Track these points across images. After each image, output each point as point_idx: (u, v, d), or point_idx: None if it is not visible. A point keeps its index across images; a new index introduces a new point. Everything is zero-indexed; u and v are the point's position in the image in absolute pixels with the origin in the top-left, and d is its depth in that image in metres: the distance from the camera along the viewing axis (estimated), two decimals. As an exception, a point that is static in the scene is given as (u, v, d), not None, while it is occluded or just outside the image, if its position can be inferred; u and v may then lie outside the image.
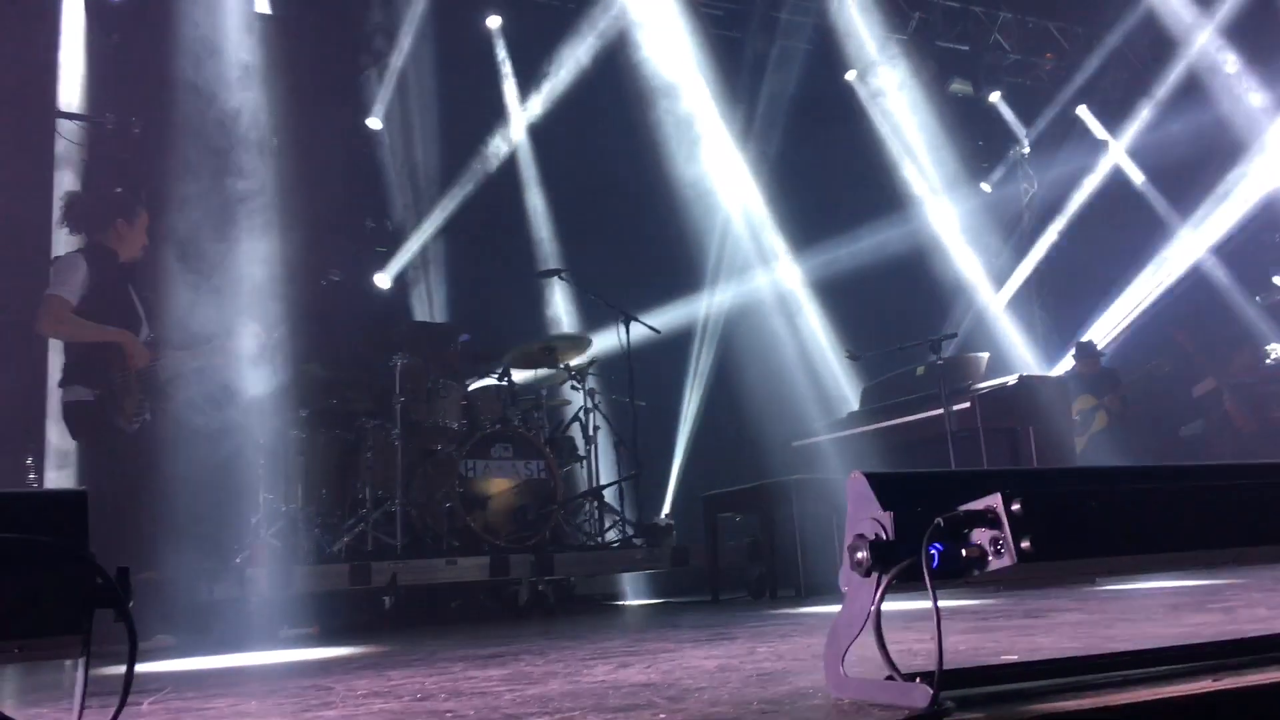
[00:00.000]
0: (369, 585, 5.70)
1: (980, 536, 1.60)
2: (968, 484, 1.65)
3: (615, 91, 8.87)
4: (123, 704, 1.38)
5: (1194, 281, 10.58)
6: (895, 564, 1.62)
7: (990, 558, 1.58)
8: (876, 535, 1.64)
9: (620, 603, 7.51)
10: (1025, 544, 1.53)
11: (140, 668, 3.40)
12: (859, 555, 1.65)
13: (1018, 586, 5.07)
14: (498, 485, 6.43)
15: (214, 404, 5.40)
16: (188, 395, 5.17)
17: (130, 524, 4.46)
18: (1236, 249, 10.68)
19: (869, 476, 1.69)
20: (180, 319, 5.21)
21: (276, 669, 3.44)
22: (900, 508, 1.64)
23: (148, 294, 5.33)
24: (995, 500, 1.58)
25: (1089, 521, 1.56)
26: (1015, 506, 1.55)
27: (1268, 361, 9.10)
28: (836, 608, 4.44)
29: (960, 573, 1.61)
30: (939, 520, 1.60)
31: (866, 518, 1.67)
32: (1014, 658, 2.21)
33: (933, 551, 1.61)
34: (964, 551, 1.61)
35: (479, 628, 5.22)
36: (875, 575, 1.64)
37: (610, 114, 8.88)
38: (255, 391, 5.71)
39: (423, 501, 6.41)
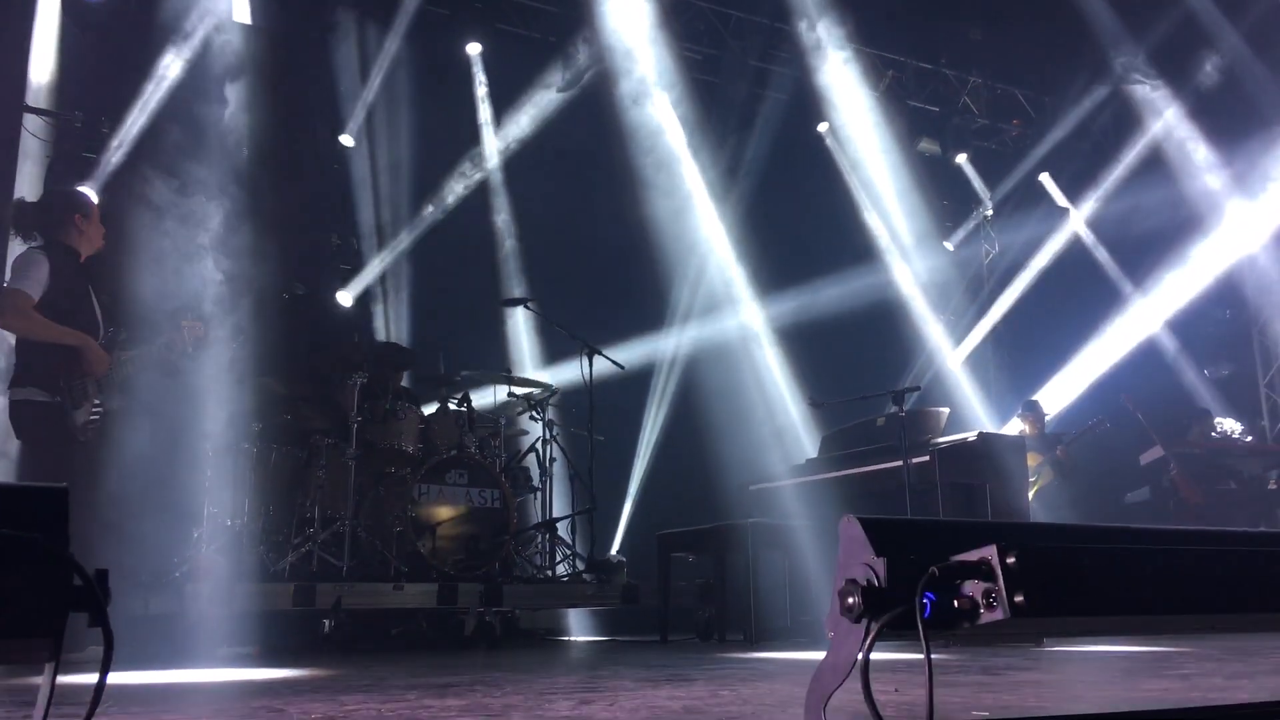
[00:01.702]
0: (313, 607, 5.57)
1: (973, 588, 1.58)
2: (962, 534, 1.63)
3: (591, 125, 8.90)
4: (92, 713, 1.31)
5: (1145, 351, 10.80)
6: (886, 611, 1.60)
7: (983, 610, 1.57)
8: (869, 581, 1.62)
9: (565, 638, 7.42)
10: (1019, 598, 1.52)
11: (74, 679, 3.28)
12: (850, 600, 1.63)
13: (968, 643, 5.08)
14: (450, 512, 6.34)
15: (166, 412, 5.27)
16: (141, 402, 5.04)
17: (76, 531, 4.31)
18: (1187, 322, 10.93)
19: (863, 521, 1.67)
20: (139, 323, 5.09)
21: (220, 688, 3.34)
22: (894, 554, 1.62)
23: (105, 296, 5.21)
24: (990, 552, 1.56)
25: (1084, 578, 1.55)
26: (1010, 559, 1.54)
27: (1214, 434, 9.27)
28: (789, 655, 4.40)
29: (951, 623, 1.59)
30: (934, 569, 1.58)
31: (858, 562, 1.65)
32: (985, 714, 2.20)
33: (925, 601, 1.59)
34: (956, 602, 1.59)
35: (424, 656, 5.11)
36: (865, 621, 1.61)
37: (585, 147, 8.91)
38: (208, 402, 5.59)
39: (373, 524, 6.30)
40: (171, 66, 7.30)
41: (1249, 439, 9.91)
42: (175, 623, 5.17)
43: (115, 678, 3.50)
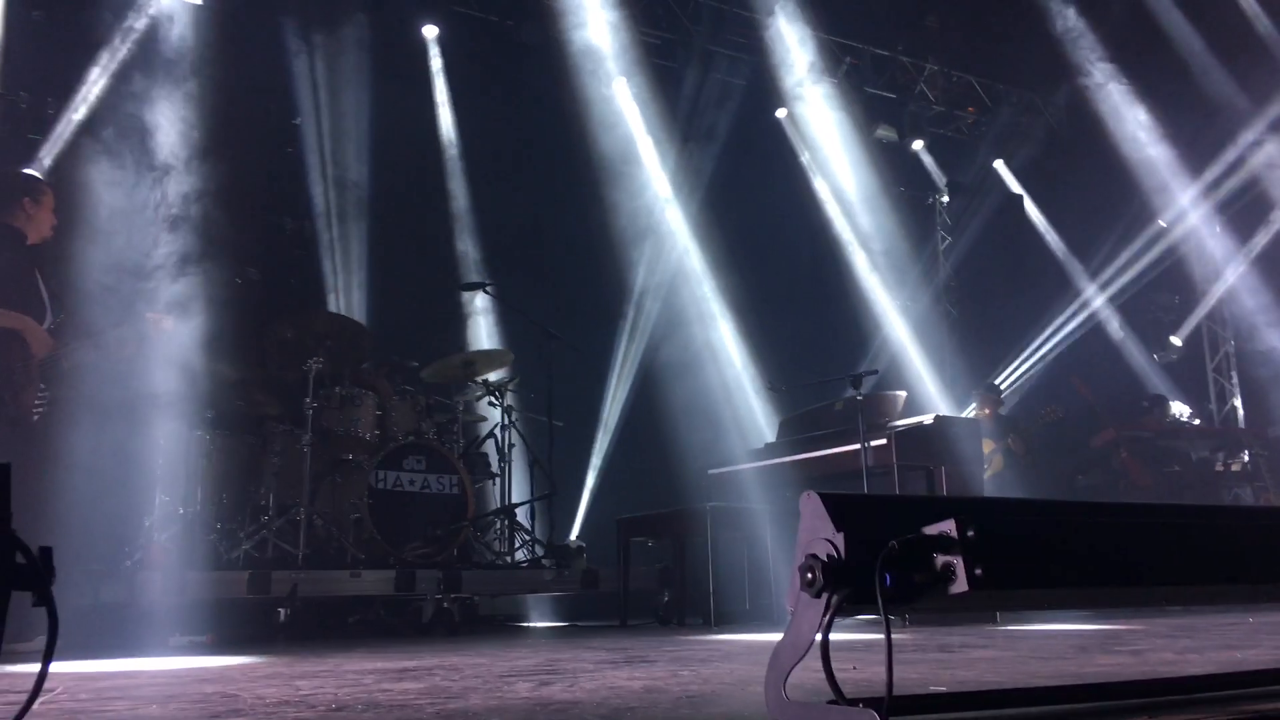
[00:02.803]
0: (268, 595, 5.50)
1: (933, 562, 1.59)
2: (922, 509, 1.64)
3: (549, 109, 8.84)
4: (35, 695, 1.28)
5: (1096, 336, 10.97)
6: (847, 585, 1.60)
7: (942, 583, 1.57)
8: (829, 556, 1.62)
9: (525, 624, 7.40)
10: (979, 571, 1.53)
11: (20, 668, 3.21)
12: (811, 575, 1.63)
13: (924, 622, 5.15)
14: (408, 498, 6.29)
15: (116, 399, 5.17)
16: (89, 387, 4.94)
17: (22, 518, 4.22)
18: (1137, 308, 11.12)
19: (823, 496, 1.67)
20: (87, 307, 4.99)
21: (173, 675, 3.28)
22: (854, 529, 1.62)
23: (53, 281, 5.10)
24: (950, 526, 1.57)
25: (1042, 552, 1.57)
26: (970, 533, 1.55)
27: (1167, 420, 9.44)
28: (748, 636, 4.42)
29: (911, 597, 1.60)
30: (894, 543, 1.58)
31: (819, 538, 1.65)
32: (942, 689, 2.22)
33: (885, 575, 1.59)
34: (916, 576, 1.60)
35: (381, 643, 5.07)
36: (826, 596, 1.61)
37: (542, 131, 8.85)
38: (160, 388, 5.49)
39: (329, 511, 6.23)
40: (120, 47, 7.15)
41: (1197, 422, 10.10)
42: (126, 612, 5.09)
43: (65, 667, 3.44)
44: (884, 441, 5.85)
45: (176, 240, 6.18)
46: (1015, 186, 11.86)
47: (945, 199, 11.99)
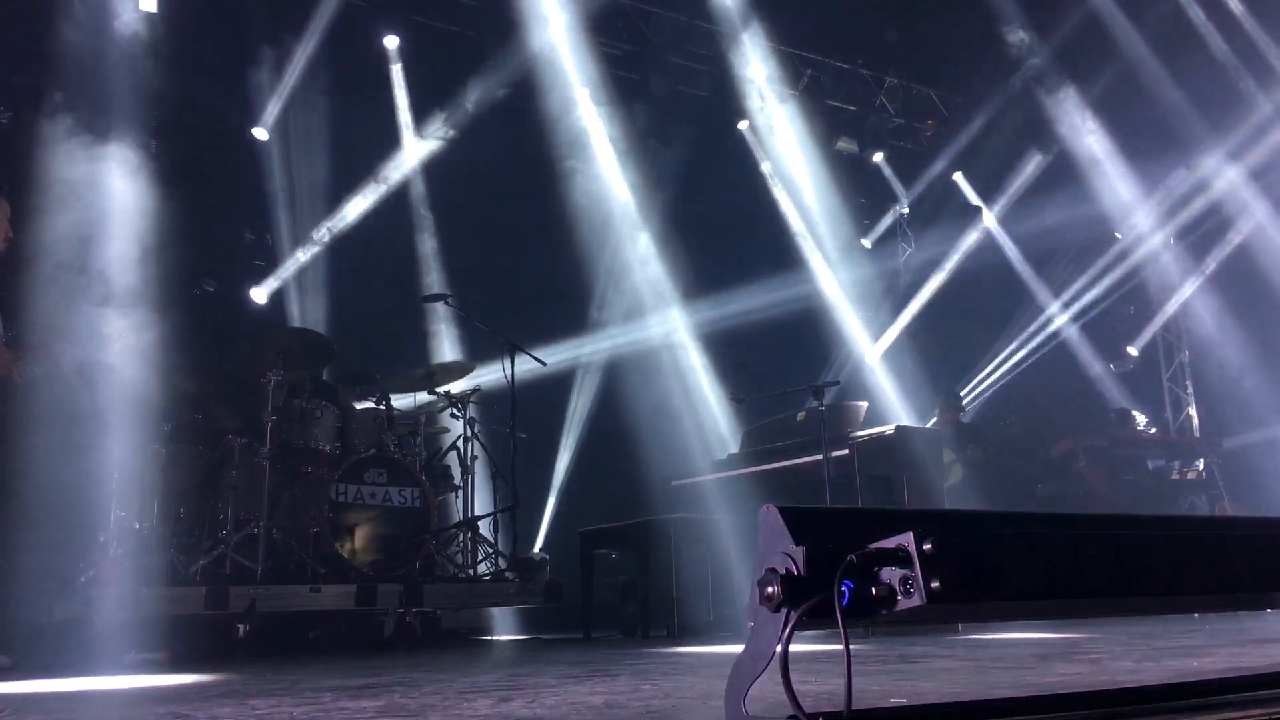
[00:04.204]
0: (225, 610, 5.42)
1: (890, 575, 1.59)
2: (881, 522, 1.64)
3: (511, 121, 8.83)
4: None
5: (1054, 345, 11.10)
6: (805, 600, 1.60)
7: (900, 597, 1.58)
8: (788, 570, 1.62)
9: (488, 638, 7.35)
10: (935, 584, 1.53)
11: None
12: (769, 590, 1.62)
13: (886, 632, 5.17)
14: (369, 512, 6.23)
15: (71, 412, 5.09)
16: (43, 401, 4.86)
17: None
18: (1094, 318, 11.26)
19: (782, 510, 1.67)
20: (42, 320, 4.90)
21: (126, 695, 3.22)
22: (812, 543, 1.62)
23: (6, 292, 5.01)
24: (907, 539, 1.57)
25: (999, 564, 1.57)
26: (927, 546, 1.55)
27: (1135, 427, 9.58)
28: (712, 648, 4.42)
29: (869, 611, 1.60)
30: (852, 557, 1.58)
31: (778, 552, 1.65)
32: (903, 701, 2.22)
33: (843, 589, 1.59)
34: (874, 590, 1.60)
35: (341, 659, 5.02)
36: (784, 611, 1.61)
37: (505, 143, 8.82)
38: (116, 401, 5.41)
39: (288, 525, 6.15)
40: (73, 55, 7.05)
41: (1153, 431, 10.24)
42: (80, 629, 5.00)
43: (14, 687, 3.37)
44: (846, 452, 5.88)
45: (133, 252, 6.10)
46: (974, 198, 11.99)
47: (905, 211, 12.10)
